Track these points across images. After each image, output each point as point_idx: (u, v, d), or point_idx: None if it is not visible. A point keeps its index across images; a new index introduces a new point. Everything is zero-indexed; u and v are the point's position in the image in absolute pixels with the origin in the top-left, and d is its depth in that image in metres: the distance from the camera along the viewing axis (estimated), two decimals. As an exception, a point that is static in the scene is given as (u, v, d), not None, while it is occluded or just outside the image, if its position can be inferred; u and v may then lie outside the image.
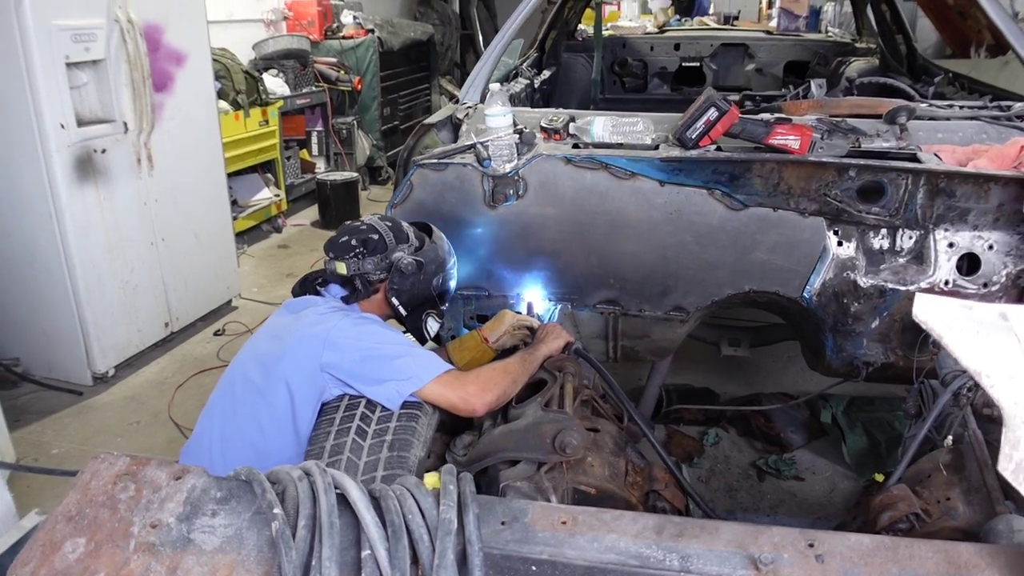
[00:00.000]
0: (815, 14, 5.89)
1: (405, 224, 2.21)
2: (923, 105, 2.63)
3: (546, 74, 4.61)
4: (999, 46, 5.78)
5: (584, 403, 2.17)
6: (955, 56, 5.63)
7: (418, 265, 2.14)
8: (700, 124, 2.25)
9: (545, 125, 2.59)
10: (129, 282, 3.89)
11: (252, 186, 6.06)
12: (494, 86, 2.51)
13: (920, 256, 2.45)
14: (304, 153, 7.00)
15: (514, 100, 3.48)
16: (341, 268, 2.12)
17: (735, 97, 3.06)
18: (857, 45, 5.19)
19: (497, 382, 1.99)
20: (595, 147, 2.50)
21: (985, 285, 2.43)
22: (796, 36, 5.45)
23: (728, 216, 2.42)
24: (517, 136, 2.52)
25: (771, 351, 3.80)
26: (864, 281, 2.47)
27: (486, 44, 10.67)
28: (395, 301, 2.16)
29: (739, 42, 5.32)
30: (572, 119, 2.59)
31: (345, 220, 6.47)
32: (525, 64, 4.36)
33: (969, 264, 2.44)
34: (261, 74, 6.11)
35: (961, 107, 2.79)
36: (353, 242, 2.12)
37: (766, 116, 2.35)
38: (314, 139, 7.13)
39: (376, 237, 2.12)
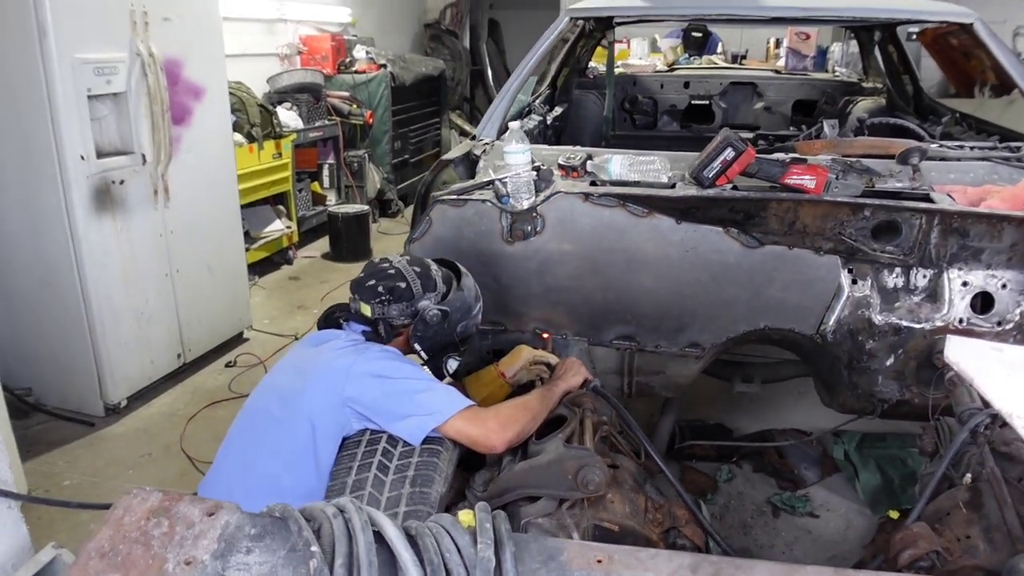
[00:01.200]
0: (822, 54, 5.96)
1: (433, 267, 2.21)
2: (934, 146, 2.66)
3: (558, 111, 4.67)
4: (1003, 86, 5.86)
5: (603, 439, 2.17)
6: (959, 95, 5.71)
7: (443, 315, 2.13)
8: (717, 163, 2.28)
9: (563, 163, 2.62)
10: (143, 313, 3.91)
11: (264, 218, 6.11)
12: (513, 124, 2.55)
13: (934, 294, 2.47)
14: (316, 186, 7.06)
15: (528, 136, 3.53)
16: (365, 310, 2.14)
17: (748, 135, 3.11)
18: (864, 85, 5.25)
19: (517, 418, 2.00)
20: (612, 184, 2.53)
21: (999, 323, 2.45)
22: (804, 75, 5.52)
23: (744, 254, 2.44)
24: (535, 173, 2.55)
25: (782, 387, 3.79)
26: (879, 319, 2.49)
27: (495, 79, 10.91)
28: (417, 347, 2.16)
29: (748, 81, 5.39)
30: (589, 157, 2.63)
31: (356, 252, 6.61)
32: (538, 101, 4.42)
33: (983, 302, 2.46)
34: (275, 107, 6.19)
35: (971, 148, 2.83)
36: (380, 288, 2.13)
37: (781, 156, 2.38)
38: (325, 172, 7.19)
39: (403, 286, 2.13)
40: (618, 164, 2.51)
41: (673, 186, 2.47)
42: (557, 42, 3.52)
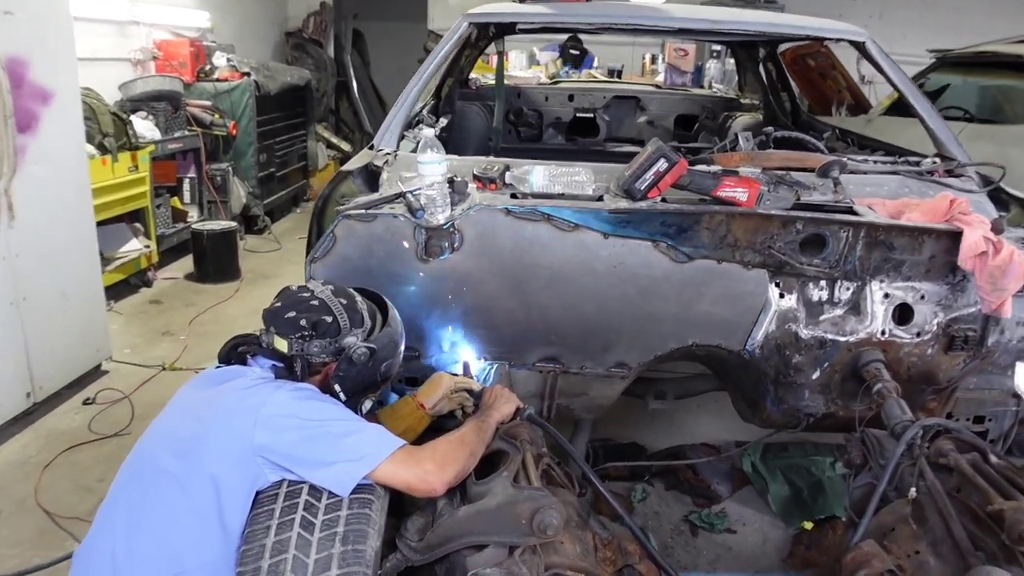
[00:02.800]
0: (698, 70, 6.09)
1: (359, 300, 1.98)
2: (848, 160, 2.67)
3: (443, 122, 4.48)
4: (859, 106, 6.17)
5: (543, 473, 2.00)
6: (815, 114, 5.96)
7: (370, 354, 1.91)
8: (649, 175, 2.17)
9: (479, 174, 2.45)
10: (-16, 348, 3.41)
11: (119, 237, 5.56)
12: (427, 131, 2.35)
13: (857, 307, 2.46)
14: (175, 201, 6.53)
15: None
16: (281, 345, 1.87)
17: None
18: (742, 100, 5.37)
19: (455, 456, 1.80)
20: (534, 197, 2.38)
21: (919, 334, 2.47)
22: (684, 91, 5.60)
23: (673, 269, 2.34)
24: (449, 185, 2.36)
25: (691, 401, 3.76)
26: (805, 332, 2.45)
27: (361, 91, 10.57)
28: (337, 388, 1.92)
29: (631, 95, 5.40)
30: (507, 167, 2.46)
31: (223, 272, 6.14)
32: (425, 110, 4.22)
33: (902, 314, 2.47)
34: (129, 116, 5.66)
35: (876, 162, 2.87)
36: (302, 322, 1.87)
37: (713, 168, 2.30)
38: (186, 186, 6.66)
39: (329, 320, 1.88)
40: (541, 175, 2.36)
41: (600, 198, 2.34)
42: (449, 52, 3.36)
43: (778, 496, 3.38)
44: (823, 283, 2.44)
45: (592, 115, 5.32)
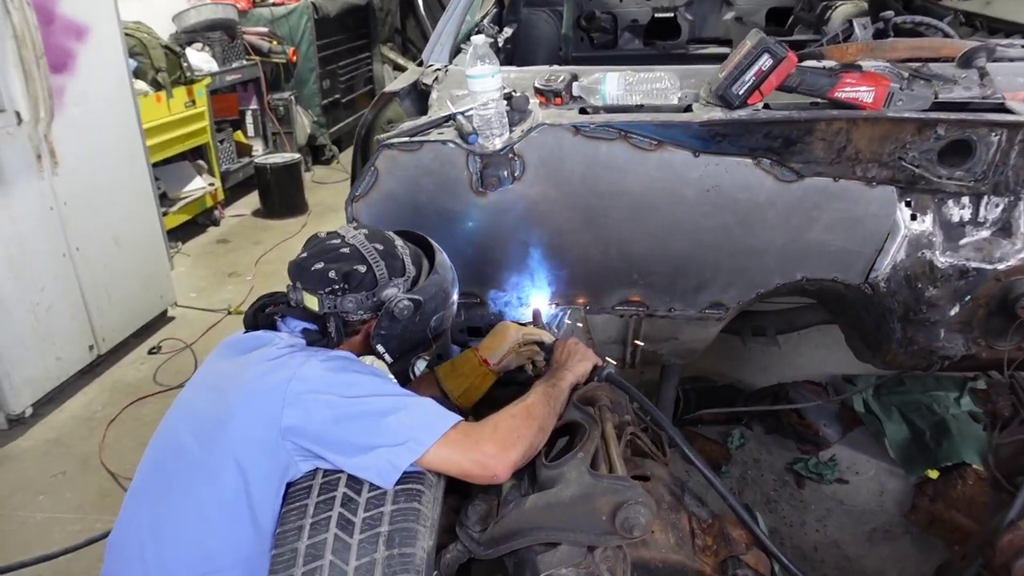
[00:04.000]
0: (790, -45, 5.42)
1: (399, 243, 1.68)
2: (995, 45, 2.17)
3: (508, 31, 4.06)
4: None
5: (628, 443, 1.69)
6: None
7: (415, 307, 1.61)
8: (750, 76, 1.75)
9: (540, 86, 2.07)
10: (40, 303, 3.27)
11: (183, 176, 5.41)
12: (476, 38, 1.97)
13: (1008, 228, 2.01)
14: (239, 135, 6.33)
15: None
16: (311, 303, 1.59)
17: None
18: (843, -14, 4.73)
19: (521, 434, 1.49)
20: (608, 111, 1.99)
21: (1086, 258, 2.01)
22: (776, -21, 4.98)
23: (779, 190, 1.94)
24: (507, 102, 1.99)
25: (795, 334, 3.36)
26: (942, 261, 2.02)
27: (427, 7, 10.07)
28: (380, 348, 1.63)
29: (716, -12, 4.83)
30: (575, 77, 2.07)
31: (290, 206, 5.93)
32: (486, 20, 3.81)
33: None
34: (184, 49, 5.42)
35: (1023, 47, 2.35)
36: (332, 274, 1.58)
37: (828, 63, 1.86)
38: (249, 119, 6.46)
39: (363, 270, 1.59)
40: (615, 84, 1.96)
41: (688, 108, 1.94)
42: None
43: (896, 439, 2.98)
44: (966, 200, 1.99)
45: (672, 14, 4.77)
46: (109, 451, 3.10)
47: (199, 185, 5.46)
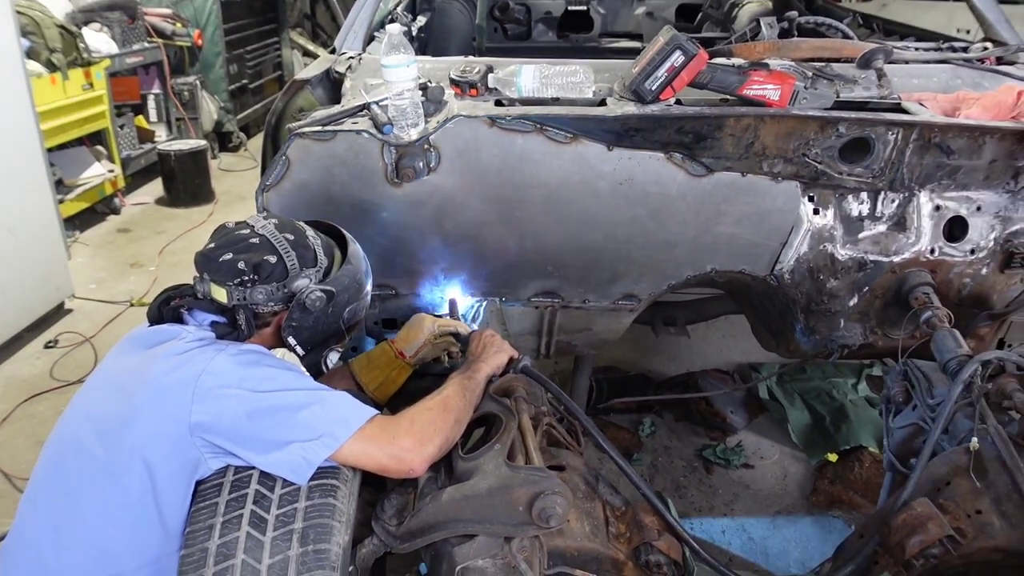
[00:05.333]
0: (700, -47, 5.54)
1: (310, 233, 1.63)
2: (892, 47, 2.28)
3: (422, 20, 4.02)
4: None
5: (544, 434, 1.70)
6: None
7: (328, 298, 1.57)
8: (662, 72, 1.79)
9: (456, 77, 2.05)
10: (-79, 294, 3.07)
11: (80, 161, 5.16)
12: (392, 27, 1.94)
13: (903, 222, 2.12)
14: (140, 120, 6.08)
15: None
16: (220, 295, 1.53)
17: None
18: (750, -15, 4.87)
19: (437, 427, 1.49)
20: (523, 103, 2.00)
21: (972, 251, 2.14)
22: (686, -23, 5.09)
23: (689, 184, 1.98)
24: (422, 93, 1.97)
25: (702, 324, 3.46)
26: (842, 253, 2.12)
27: (336, -6, 9.86)
28: (292, 340, 1.59)
29: (628, -17, 4.90)
30: (490, 69, 2.07)
31: (196, 194, 5.73)
32: (400, 8, 3.76)
33: (954, 229, 2.13)
34: (80, 29, 5.15)
35: (917, 49, 2.48)
36: (241, 265, 1.52)
37: (737, 61, 1.91)
38: (151, 103, 6.20)
39: (273, 260, 1.54)
40: (530, 77, 1.97)
41: (603, 102, 1.96)
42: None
43: (798, 425, 3.12)
44: (864, 195, 2.09)
45: (585, 7, 4.82)
46: (2, 451, 2.94)
47: (98, 171, 5.22)
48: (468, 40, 4.61)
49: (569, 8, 4.87)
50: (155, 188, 5.97)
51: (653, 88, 1.81)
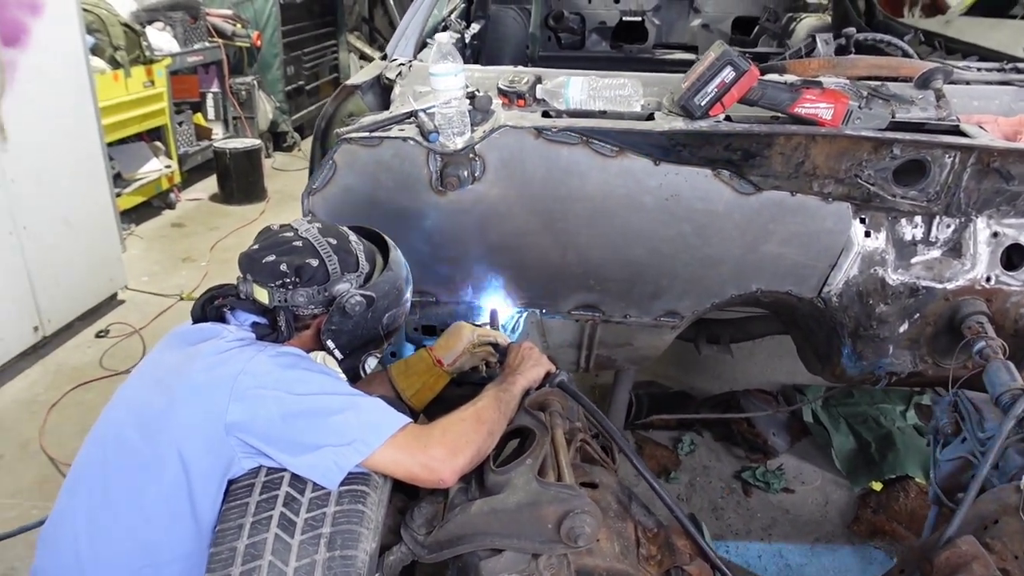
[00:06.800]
0: (759, -34, 5.47)
1: (353, 239, 1.64)
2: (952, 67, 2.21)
3: (475, 27, 4.04)
4: (935, 5, 5.51)
5: (578, 450, 1.69)
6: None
7: (368, 303, 1.58)
8: (712, 88, 1.76)
9: (504, 87, 2.05)
10: (-20, 281, 3.17)
11: (138, 156, 5.29)
12: (441, 36, 1.95)
13: (958, 248, 2.05)
14: (198, 118, 6.21)
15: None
16: (261, 295, 1.55)
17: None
18: (808, 0, 4.81)
19: (470, 439, 1.48)
20: (570, 115, 1.99)
21: (1032, 280, 2.06)
22: (744, -11, 5.03)
23: (736, 202, 1.95)
24: (469, 102, 1.98)
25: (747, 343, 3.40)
26: (894, 278, 2.06)
27: (396, -2, 9.97)
28: (331, 344, 1.60)
29: (685, -5, 4.86)
30: (539, 79, 2.06)
31: (248, 192, 5.82)
32: (454, 15, 3.77)
33: (1013, 257, 2.06)
34: (144, 27, 5.29)
35: (979, 70, 2.40)
36: (283, 267, 1.54)
37: (789, 78, 1.88)
38: (209, 102, 6.33)
39: (315, 264, 1.55)
40: (578, 88, 1.96)
41: (650, 116, 1.94)
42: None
43: (842, 450, 3.04)
44: (919, 219, 2.03)
45: (640, 18, 4.80)
46: (50, 436, 3.01)
47: (155, 167, 5.34)
48: (522, 48, 4.62)
49: (624, 19, 4.86)
50: (209, 185, 6.09)
51: (702, 104, 1.78)
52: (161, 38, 5.50)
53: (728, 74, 1.73)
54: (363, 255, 1.64)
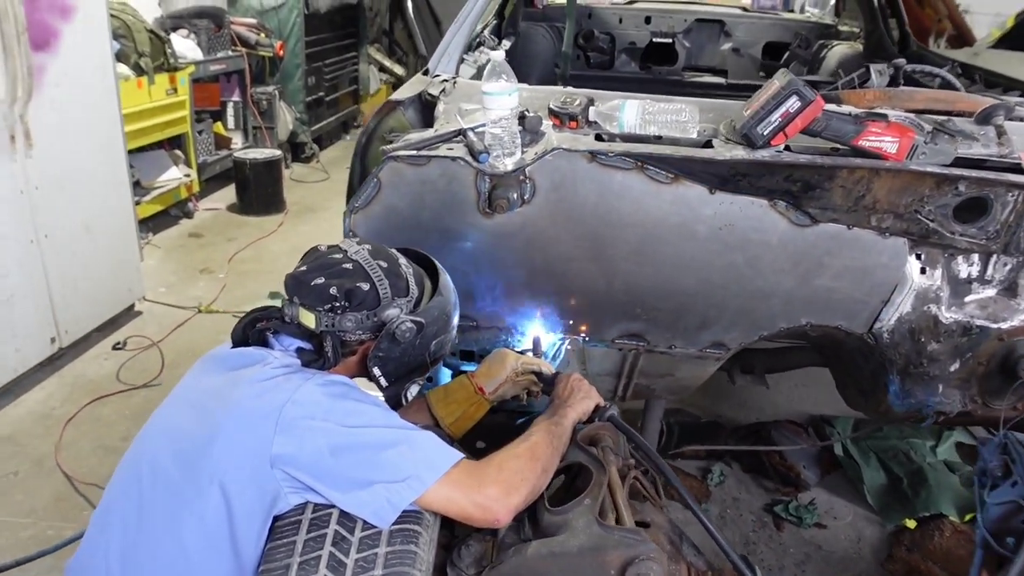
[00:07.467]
0: (789, -9, 5.46)
1: (403, 262, 1.59)
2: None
3: (507, 44, 4.00)
4: (960, 36, 5.48)
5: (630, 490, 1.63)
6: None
7: (417, 329, 1.53)
8: (776, 117, 1.71)
9: (556, 108, 2.00)
10: (3, 290, 3.12)
11: (158, 164, 5.25)
12: (495, 54, 1.90)
13: (1014, 288, 2.00)
14: (219, 127, 6.18)
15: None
16: (307, 320, 1.50)
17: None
18: (840, 28, 4.77)
19: (525, 476, 1.42)
20: (624, 139, 1.94)
21: (1088, 323, 2.00)
22: (775, 15, 4.99)
23: (792, 234, 1.90)
24: (519, 122, 1.93)
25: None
26: (947, 316, 2.01)
27: (415, 10, 9.99)
28: (377, 371, 1.55)
29: (715, 18, 4.82)
30: (591, 101, 2.01)
31: (267, 203, 5.78)
32: (487, 31, 3.74)
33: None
34: (169, 34, 5.27)
35: (1031, 104, 2.35)
36: (333, 290, 1.49)
37: (854, 111, 1.83)
38: (230, 111, 6.30)
39: (366, 288, 1.50)
40: (633, 112, 1.91)
41: (707, 143, 1.89)
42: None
43: (874, 485, 2.98)
44: (975, 257, 1.98)
45: (671, 40, 4.76)
46: (66, 452, 2.95)
47: (174, 175, 5.30)
48: (550, 66, 4.59)
49: (654, 40, 4.83)
50: (228, 195, 6.05)
51: (765, 133, 1.73)
52: (185, 45, 5.48)
53: (793, 104, 1.68)
54: (412, 279, 1.59)
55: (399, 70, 9.54)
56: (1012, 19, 5.32)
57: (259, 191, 5.77)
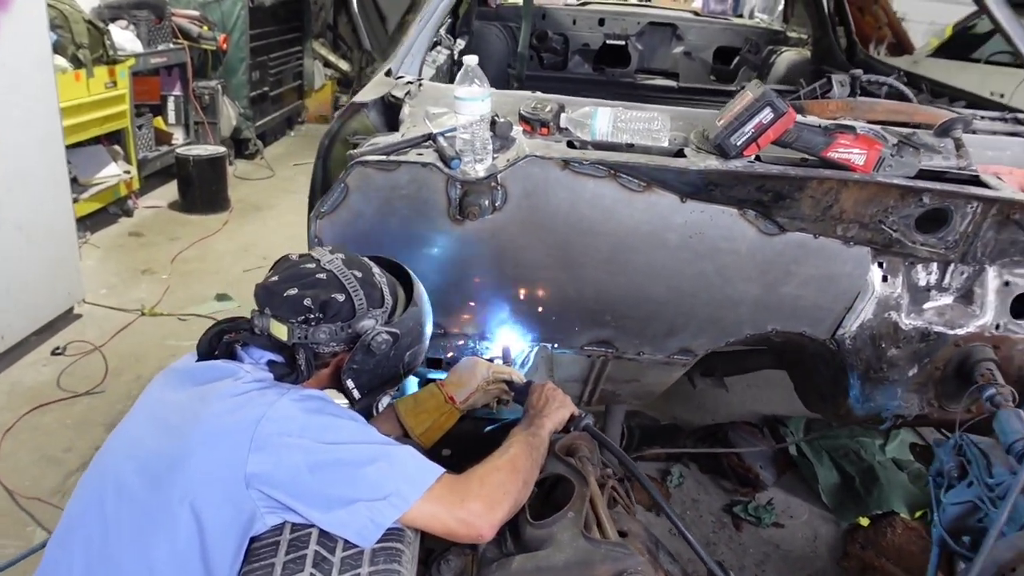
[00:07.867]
0: (738, -3, 5.56)
1: (376, 271, 1.56)
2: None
3: (461, 43, 3.97)
4: (899, 45, 5.64)
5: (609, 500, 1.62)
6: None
7: (393, 340, 1.49)
8: (749, 128, 1.72)
9: (526, 114, 1.99)
10: (-67, 292, 2.96)
11: (96, 161, 5.05)
12: (468, 59, 1.87)
13: (969, 295, 2.06)
14: (159, 121, 5.99)
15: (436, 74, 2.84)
16: (279, 332, 1.45)
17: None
18: (788, 34, 4.87)
19: (507, 490, 1.40)
20: (596, 147, 1.93)
21: (1039, 329, 2.07)
22: (725, 20, 5.07)
23: (760, 242, 1.92)
24: (489, 127, 1.90)
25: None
26: (906, 323, 2.05)
27: (360, 5, 9.81)
28: (350, 384, 1.51)
29: (668, 22, 4.87)
30: (562, 108, 2.00)
31: (211, 201, 5.63)
32: (442, 30, 3.70)
33: (1021, 306, 2.08)
34: (107, 25, 5.08)
35: (982, 118, 2.43)
36: (307, 302, 1.44)
37: (825, 122, 1.85)
38: (171, 105, 6.11)
39: (341, 299, 1.46)
40: (605, 120, 1.90)
41: (679, 152, 1.89)
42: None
43: (828, 484, 3.04)
44: (934, 266, 2.03)
45: (624, 43, 4.79)
46: (4, 464, 2.81)
47: (114, 172, 5.12)
48: (503, 66, 4.57)
49: (608, 42, 4.85)
50: (169, 192, 5.86)
51: (738, 144, 1.74)
52: (124, 37, 5.29)
53: (767, 115, 1.70)
54: (387, 289, 1.56)
55: (344, 65, 9.40)
56: (949, 29, 5.50)
57: (203, 188, 5.61)
